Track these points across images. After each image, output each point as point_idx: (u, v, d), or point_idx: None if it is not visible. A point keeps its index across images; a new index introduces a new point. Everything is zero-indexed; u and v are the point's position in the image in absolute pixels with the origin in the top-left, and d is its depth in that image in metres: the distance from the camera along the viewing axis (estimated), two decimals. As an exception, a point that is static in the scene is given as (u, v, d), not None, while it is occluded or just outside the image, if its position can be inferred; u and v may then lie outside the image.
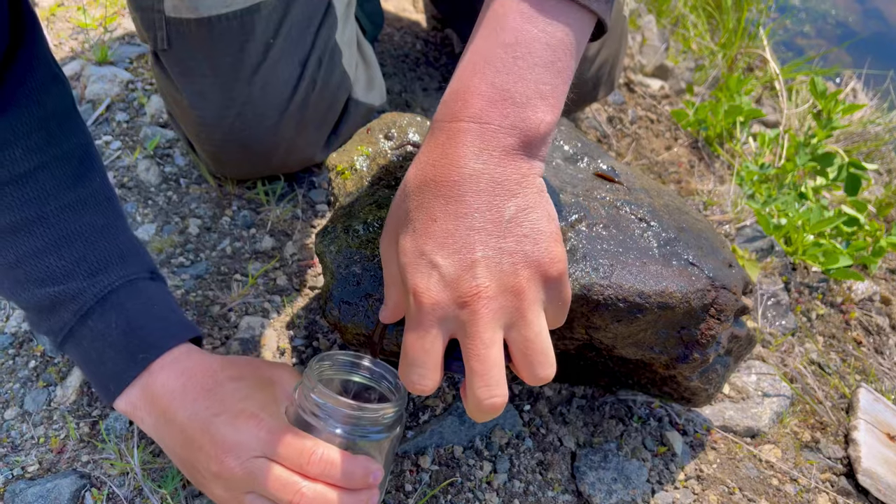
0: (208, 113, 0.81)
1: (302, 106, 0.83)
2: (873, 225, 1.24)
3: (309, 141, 0.86)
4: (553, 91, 0.50)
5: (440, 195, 0.49)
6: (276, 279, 0.85)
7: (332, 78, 0.85)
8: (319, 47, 0.83)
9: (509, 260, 0.48)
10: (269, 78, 0.80)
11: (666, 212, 0.71)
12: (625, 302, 0.61)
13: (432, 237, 0.48)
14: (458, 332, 0.49)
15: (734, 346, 0.74)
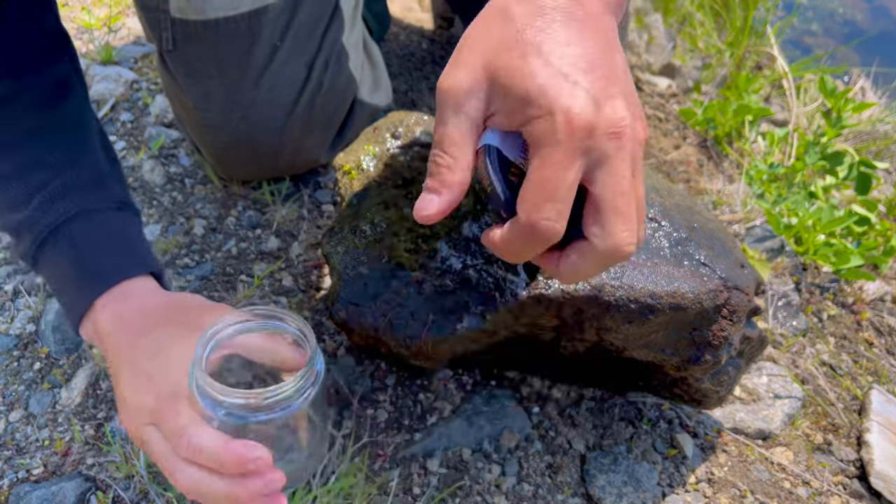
0: (213, 114, 0.80)
1: (308, 108, 0.82)
2: (884, 224, 1.22)
3: (314, 143, 0.86)
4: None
5: (574, 20, 0.45)
6: (282, 280, 0.84)
7: (338, 80, 0.84)
8: (326, 49, 0.82)
9: (634, 105, 0.46)
10: (275, 80, 0.80)
11: (677, 211, 0.70)
12: (636, 303, 0.60)
13: (571, 61, 0.44)
14: (595, 168, 0.44)
15: (746, 348, 0.73)
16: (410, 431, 0.74)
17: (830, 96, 1.34)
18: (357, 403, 0.75)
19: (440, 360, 0.61)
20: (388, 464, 0.71)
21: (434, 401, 0.76)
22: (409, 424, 0.74)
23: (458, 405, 0.77)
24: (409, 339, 0.58)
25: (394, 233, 0.64)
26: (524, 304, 0.60)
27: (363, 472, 0.69)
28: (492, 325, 0.60)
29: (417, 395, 0.76)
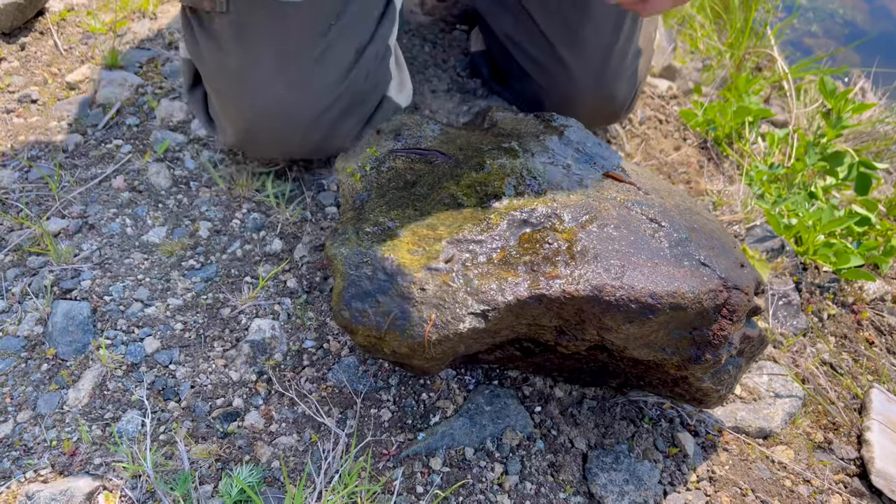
0: (259, 79, 0.80)
1: (350, 92, 0.84)
2: (884, 224, 1.23)
3: (347, 127, 0.87)
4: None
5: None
6: (287, 281, 0.85)
7: (379, 72, 0.87)
8: (378, 41, 0.85)
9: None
10: (327, 56, 0.81)
11: (677, 212, 0.71)
12: (637, 303, 0.61)
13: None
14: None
15: (746, 347, 0.74)
16: (413, 431, 0.74)
17: (831, 97, 1.34)
18: (360, 403, 0.75)
19: (442, 360, 0.61)
20: (392, 463, 0.71)
21: (437, 400, 0.77)
22: (413, 423, 0.75)
23: (460, 404, 0.77)
24: (412, 340, 0.59)
25: (396, 234, 0.64)
26: (525, 304, 0.61)
27: (367, 472, 0.70)
28: (493, 325, 0.60)
29: (420, 395, 0.77)
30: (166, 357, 0.77)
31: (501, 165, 0.71)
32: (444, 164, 0.72)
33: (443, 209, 0.67)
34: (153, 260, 0.85)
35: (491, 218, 0.66)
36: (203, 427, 0.72)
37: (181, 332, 0.79)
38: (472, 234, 0.64)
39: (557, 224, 0.65)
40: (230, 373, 0.76)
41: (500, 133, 0.78)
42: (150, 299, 0.82)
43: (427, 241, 0.64)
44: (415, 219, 0.66)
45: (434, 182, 0.70)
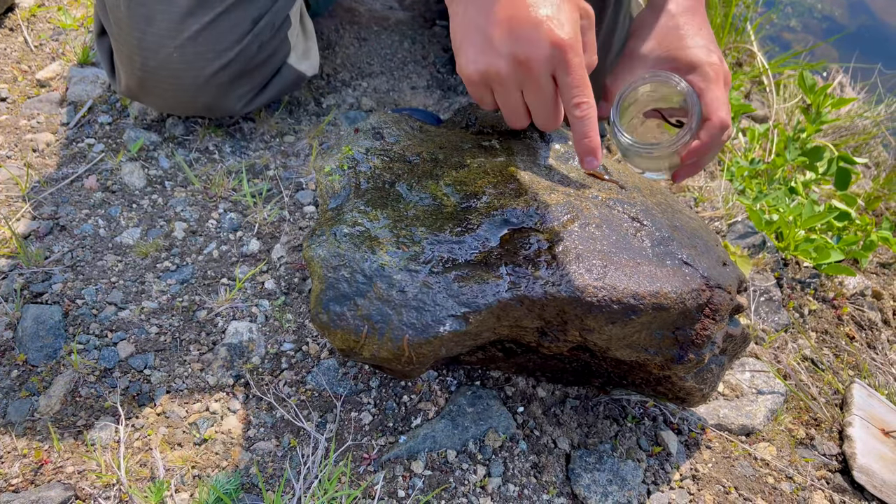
0: (151, 38, 0.83)
1: (242, 60, 0.87)
2: (864, 219, 1.23)
3: (238, 94, 0.91)
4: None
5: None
6: (264, 283, 0.84)
7: (274, 41, 0.90)
8: (274, 12, 0.88)
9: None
10: (220, 23, 0.84)
11: (659, 210, 0.70)
12: (619, 303, 0.60)
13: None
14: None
15: (729, 345, 0.74)
16: (395, 433, 0.73)
17: (810, 92, 1.35)
18: (340, 406, 0.74)
19: (423, 363, 0.60)
20: (373, 467, 0.70)
21: (418, 402, 0.76)
22: (394, 426, 0.74)
23: (442, 406, 0.76)
24: (392, 344, 0.58)
25: (375, 236, 0.63)
26: (506, 306, 0.60)
27: (347, 476, 0.68)
28: (475, 328, 0.59)
29: (401, 397, 0.76)
30: (141, 361, 0.75)
31: (481, 164, 0.70)
32: (424, 166, 0.71)
33: (423, 209, 0.66)
34: (127, 262, 0.83)
35: (471, 218, 0.64)
36: (179, 433, 0.70)
37: (156, 335, 0.77)
38: (452, 235, 0.63)
39: (538, 224, 0.64)
40: (207, 377, 0.75)
41: (480, 131, 0.76)
42: (123, 302, 0.80)
43: (407, 242, 0.62)
44: (394, 219, 0.65)
45: (413, 182, 0.68)
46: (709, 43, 0.80)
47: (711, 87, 0.77)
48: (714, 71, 0.78)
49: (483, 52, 0.65)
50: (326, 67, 1.10)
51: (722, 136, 0.78)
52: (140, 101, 0.92)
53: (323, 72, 1.09)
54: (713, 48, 0.80)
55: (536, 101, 0.67)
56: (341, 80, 1.09)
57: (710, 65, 0.78)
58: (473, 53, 0.65)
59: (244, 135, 0.99)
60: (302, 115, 1.03)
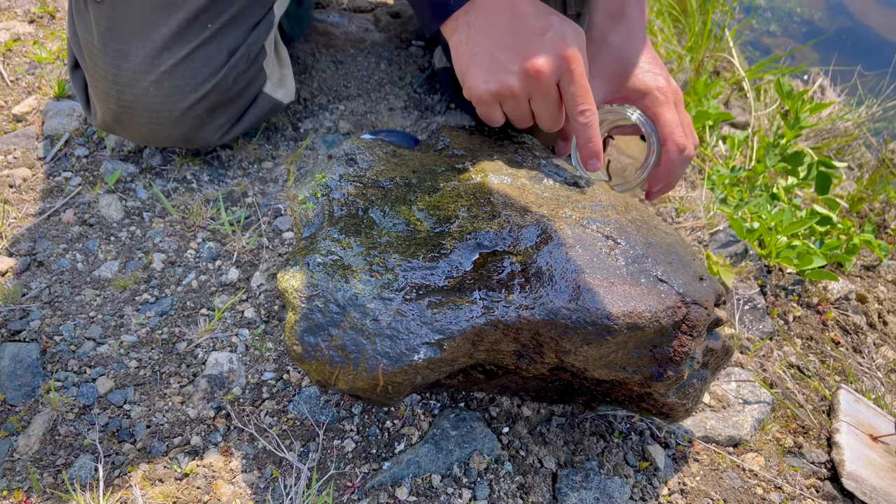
0: (126, 73, 0.84)
1: (218, 92, 0.88)
2: (846, 223, 1.24)
3: (215, 125, 0.92)
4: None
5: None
6: (244, 312, 0.83)
7: (250, 72, 0.91)
8: (249, 44, 0.89)
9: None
10: (196, 57, 0.85)
11: (634, 227, 0.70)
12: (593, 325, 0.60)
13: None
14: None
15: (710, 359, 0.73)
16: (378, 460, 0.73)
17: (787, 98, 1.35)
18: (323, 434, 0.74)
19: (400, 393, 0.60)
20: (357, 495, 0.70)
21: (401, 427, 0.76)
22: (377, 453, 0.73)
23: (425, 430, 0.76)
24: (367, 374, 0.58)
25: (348, 264, 0.63)
26: (481, 331, 0.60)
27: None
28: (450, 354, 0.59)
29: (384, 423, 0.76)
30: (120, 397, 0.75)
31: (454, 187, 0.70)
32: (397, 191, 0.71)
33: (396, 235, 0.66)
34: (105, 296, 0.83)
35: (445, 243, 0.64)
36: (160, 468, 0.70)
37: (136, 369, 0.77)
38: (425, 261, 0.63)
39: (512, 246, 0.64)
40: (187, 410, 0.74)
41: (453, 154, 0.77)
42: (102, 337, 0.79)
43: (380, 270, 0.62)
44: (367, 246, 0.65)
45: (387, 207, 0.68)
46: (653, 67, 0.81)
47: (663, 111, 0.79)
48: (663, 94, 0.79)
49: (494, 72, 0.70)
50: (303, 92, 1.10)
51: (680, 158, 0.79)
52: (116, 134, 0.92)
53: (300, 97, 1.09)
54: (658, 71, 0.81)
55: (544, 108, 0.73)
56: (318, 104, 1.09)
57: (658, 89, 0.80)
58: (484, 74, 0.71)
59: (222, 162, 0.99)
60: (280, 141, 1.03)
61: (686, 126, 0.82)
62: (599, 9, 0.86)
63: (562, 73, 0.70)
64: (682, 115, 0.82)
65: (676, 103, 0.81)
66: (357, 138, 0.77)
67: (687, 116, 0.83)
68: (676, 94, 0.82)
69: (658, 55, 0.85)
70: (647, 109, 0.82)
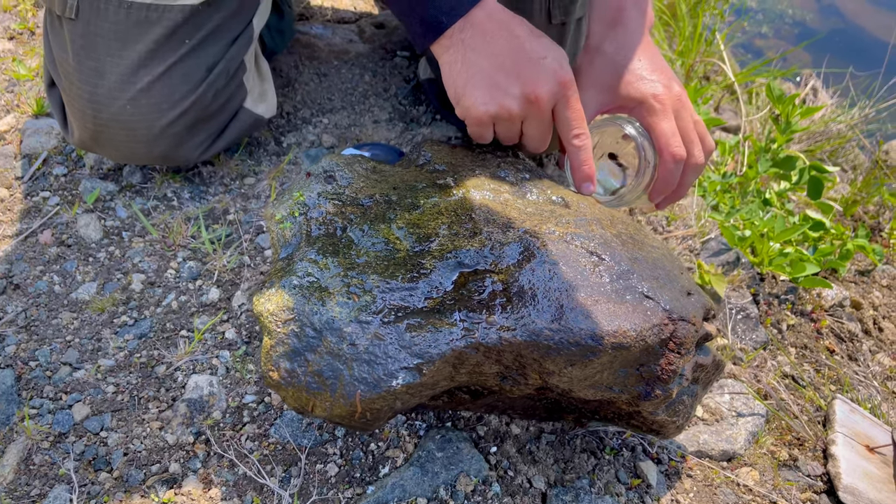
0: (102, 92, 0.82)
1: (197, 108, 0.86)
2: (839, 228, 1.22)
3: (195, 142, 0.90)
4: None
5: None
6: (225, 332, 0.82)
7: (230, 88, 0.89)
8: (228, 59, 0.87)
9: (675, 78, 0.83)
10: (174, 74, 0.83)
11: (619, 242, 0.68)
12: (577, 345, 0.58)
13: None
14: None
15: (700, 375, 0.72)
16: (362, 484, 0.71)
17: (778, 102, 1.34)
18: (305, 458, 0.72)
19: (379, 419, 0.58)
20: (340, 521, 0.68)
21: (386, 450, 0.74)
22: (361, 477, 0.72)
23: (411, 452, 0.74)
24: (344, 400, 0.56)
25: (325, 286, 0.61)
26: (461, 354, 0.58)
27: (313, 533, 0.66)
28: (429, 378, 0.58)
29: (368, 445, 0.74)
30: (97, 424, 0.73)
31: (435, 204, 0.69)
32: (377, 208, 0.69)
33: (375, 255, 0.64)
34: (83, 318, 0.81)
35: (424, 262, 0.63)
36: (137, 497, 0.68)
37: (113, 394, 0.75)
38: (404, 281, 0.61)
39: (493, 265, 0.63)
40: (166, 436, 0.73)
41: (434, 169, 0.75)
42: (79, 362, 0.77)
43: (358, 292, 0.61)
44: (345, 267, 0.63)
45: (366, 226, 0.67)
46: (651, 73, 0.79)
47: (658, 121, 0.77)
48: (659, 102, 0.77)
49: (493, 95, 0.71)
50: (286, 105, 1.09)
51: (677, 168, 0.77)
52: (95, 153, 0.91)
53: (283, 110, 1.08)
54: (657, 77, 0.79)
55: (536, 130, 0.75)
56: (302, 117, 1.07)
57: (654, 97, 0.77)
58: (482, 96, 0.71)
59: (203, 179, 0.98)
60: (262, 156, 1.02)
61: (689, 132, 0.79)
62: (595, 16, 0.84)
63: (558, 98, 0.72)
64: (685, 120, 0.79)
65: (678, 109, 0.79)
66: (336, 154, 0.75)
67: (692, 121, 0.80)
68: (677, 100, 0.79)
69: (662, 56, 0.82)
70: (643, 119, 0.80)
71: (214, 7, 0.84)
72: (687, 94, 0.82)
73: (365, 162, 0.76)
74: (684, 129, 0.80)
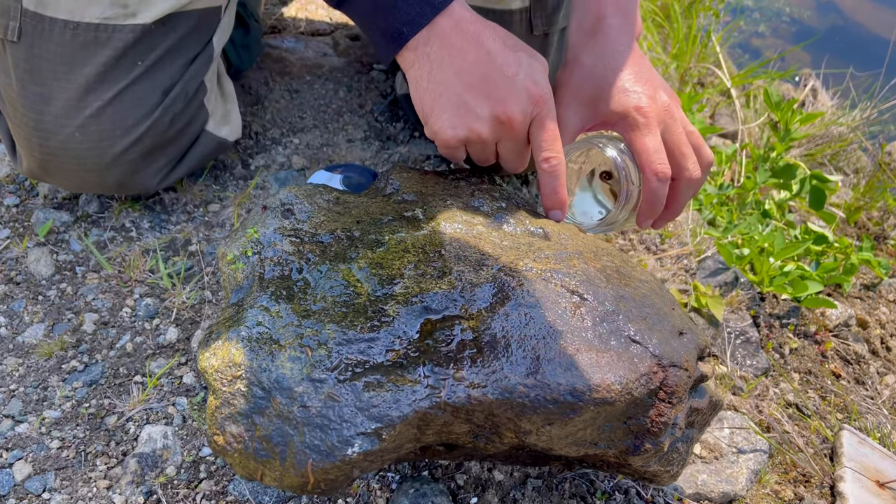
0: (48, 119, 0.77)
1: (153, 134, 0.80)
2: (842, 241, 1.16)
3: (152, 169, 0.84)
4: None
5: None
6: (182, 377, 0.76)
7: (189, 111, 0.83)
8: (186, 81, 0.81)
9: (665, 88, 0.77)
10: (126, 98, 0.78)
11: (603, 278, 0.62)
12: (555, 403, 0.52)
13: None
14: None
15: (696, 419, 0.66)
16: (329, 546, 0.65)
17: (777, 109, 1.28)
18: (267, 518, 0.66)
19: (336, 488, 0.52)
20: (303, 590, 0.62)
21: (355, 506, 0.68)
22: (328, 537, 0.66)
23: (383, 508, 0.68)
24: (295, 470, 0.50)
25: (276, 338, 0.55)
26: (427, 416, 0.52)
27: None
28: (391, 444, 0.52)
29: (336, 501, 0.68)
30: (39, 484, 0.67)
31: (401, 240, 0.63)
32: (338, 246, 0.63)
33: (333, 300, 0.58)
34: (29, 365, 0.75)
35: (387, 309, 0.57)
36: (80, 568, 0.62)
37: (58, 450, 0.69)
38: (364, 331, 0.55)
39: (463, 310, 0.57)
40: (114, 496, 0.66)
41: (402, 199, 0.69)
42: (22, 413, 0.71)
43: (312, 344, 0.55)
44: (299, 315, 0.57)
45: (325, 267, 0.61)
46: (635, 83, 0.73)
47: (640, 136, 0.71)
48: (643, 115, 0.71)
49: (462, 118, 0.66)
50: (255, 125, 1.03)
51: (661, 187, 0.71)
52: (46, 182, 0.85)
53: (251, 130, 1.02)
54: (641, 88, 0.73)
55: (510, 152, 0.70)
56: (271, 137, 1.01)
57: (637, 109, 0.71)
58: (451, 119, 0.66)
59: (165, 207, 0.92)
60: (228, 180, 0.96)
61: (681, 145, 0.73)
62: (574, 25, 0.78)
63: (533, 117, 0.67)
64: (675, 133, 0.73)
65: (666, 121, 0.72)
66: (296, 186, 0.69)
67: (685, 133, 0.73)
68: (664, 111, 0.72)
69: (649, 64, 0.76)
70: (625, 135, 0.74)
71: (169, 26, 0.78)
72: (679, 102, 0.75)
73: (327, 192, 0.70)
74: (675, 143, 0.73)
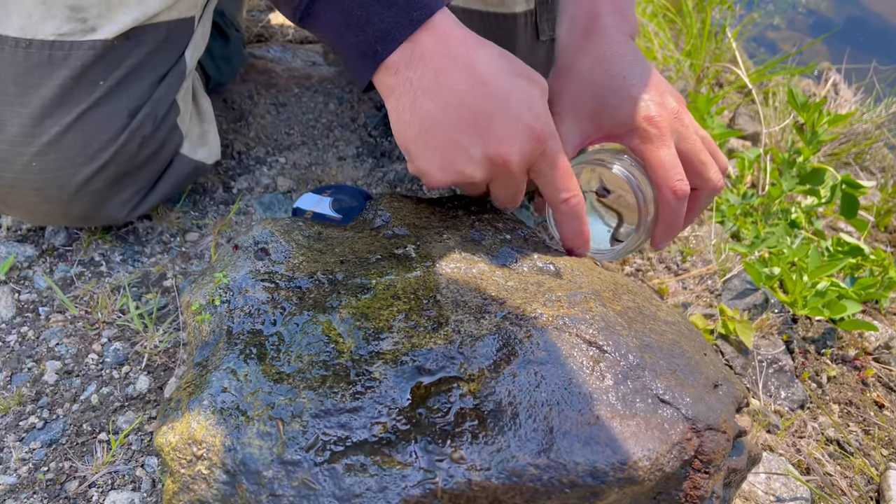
0: (2, 147, 0.69)
1: (120, 160, 0.72)
2: (879, 254, 1.07)
3: (121, 198, 0.76)
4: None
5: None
6: (153, 433, 0.68)
7: (160, 133, 0.75)
8: (155, 101, 0.73)
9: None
10: (87, 122, 0.69)
11: (625, 323, 0.54)
12: (573, 486, 0.44)
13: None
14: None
15: (734, 479, 0.57)
16: None
17: (803, 111, 1.19)
18: None
19: (311, 593, 0.44)
20: None
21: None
22: None
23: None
24: None
25: (244, 408, 0.47)
26: (419, 505, 0.44)
27: None
28: (377, 540, 0.43)
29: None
30: (-12, 565, 0.59)
31: (391, 284, 0.54)
32: (318, 292, 0.55)
33: (310, 360, 0.50)
34: (-17, 422, 0.68)
35: (372, 370, 0.49)
36: None
37: (11, 524, 0.62)
38: (345, 399, 0.47)
39: (462, 369, 0.48)
40: (72, 578, 0.59)
41: (392, 234, 0.61)
42: (-26, 480, 0.64)
43: (285, 416, 0.47)
44: (271, 379, 0.49)
45: (302, 319, 0.53)
46: (640, 90, 0.64)
47: (654, 150, 0.63)
48: (654, 126, 0.63)
49: (451, 159, 0.58)
50: (237, 143, 0.94)
51: (682, 206, 0.63)
52: (12, 216, 0.78)
53: (233, 150, 0.94)
54: (648, 95, 0.64)
55: (504, 192, 0.62)
56: (255, 157, 0.93)
57: (647, 120, 0.63)
58: (438, 161, 0.58)
59: (138, 237, 0.84)
60: (208, 206, 0.88)
61: (699, 153, 0.65)
62: (565, 27, 0.70)
63: (534, 157, 0.59)
64: (691, 141, 0.65)
65: (678, 129, 0.64)
66: (271, 220, 0.61)
67: (699, 140, 0.66)
68: (675, 118, 0.64)
69: (652, 66, 0.67)
70: (636, 148, 0.65)
71: (134, 41, 0.70)
72: (685, 104, 0.67)
73: (309, 227, 0.62)
74: (692, 152, 0.65)
